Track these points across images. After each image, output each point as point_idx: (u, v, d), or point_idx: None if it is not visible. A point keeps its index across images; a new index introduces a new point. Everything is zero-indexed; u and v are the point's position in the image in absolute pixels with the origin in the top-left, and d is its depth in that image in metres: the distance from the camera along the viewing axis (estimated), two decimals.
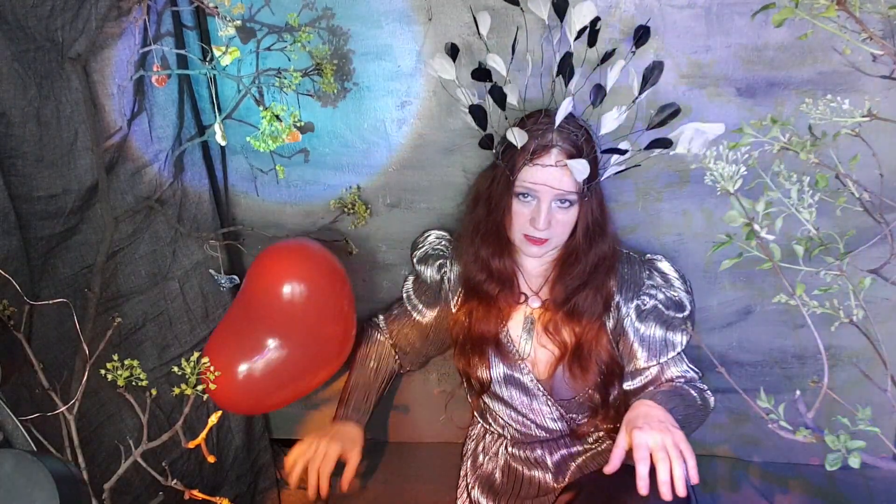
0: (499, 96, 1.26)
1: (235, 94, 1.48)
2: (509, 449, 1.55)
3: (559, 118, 1.23)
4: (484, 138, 1.32)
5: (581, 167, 1.22)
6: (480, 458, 1.59)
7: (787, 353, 1.63)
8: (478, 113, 1.29)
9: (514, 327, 1.45)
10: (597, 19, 1.22)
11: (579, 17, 1.22)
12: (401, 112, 1.49)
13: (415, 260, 1.56)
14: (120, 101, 1.30)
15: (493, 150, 1.34)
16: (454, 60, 1.31)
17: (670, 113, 1.25)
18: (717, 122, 1.40)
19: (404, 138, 1.52)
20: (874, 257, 1.02)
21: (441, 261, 1.52)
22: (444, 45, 1.34)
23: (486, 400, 1.53)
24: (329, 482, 1.39)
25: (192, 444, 1.12)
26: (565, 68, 1.24)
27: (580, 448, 1.51)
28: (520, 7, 1.26)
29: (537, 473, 1.51)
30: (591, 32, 1.23)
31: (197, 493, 1.13)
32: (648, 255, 1.44)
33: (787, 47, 1.33)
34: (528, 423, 1.50)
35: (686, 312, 1.40)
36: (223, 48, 1.32)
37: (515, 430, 1.52)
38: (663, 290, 1.40)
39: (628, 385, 1.43)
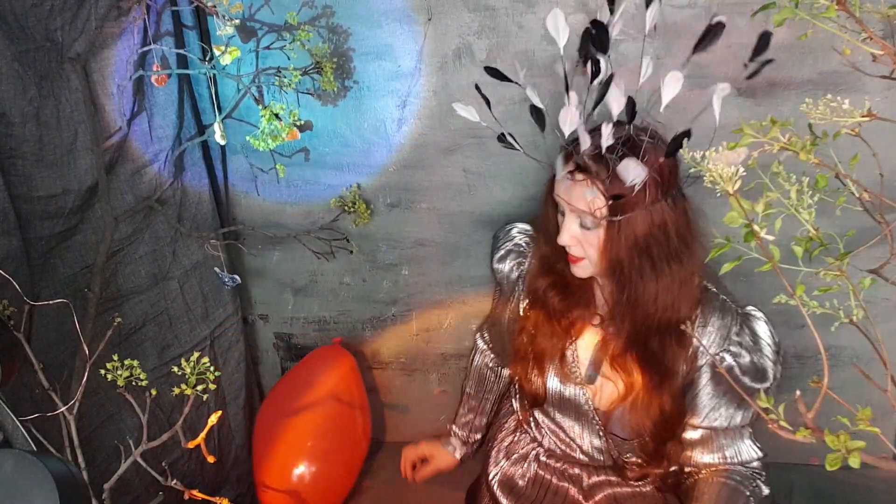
0: (538, 116, 1.07)
1: (235, 94, 1.48)
2: (542, 458, 1.46)
3: (566, 129, 1.05)
4: (500, 136, 1.14)
5: (590, 191, 1.05)
6: (508, 454, 1.51)
7: (788, 353, 1.63)
8: (536, 114, 1.08)
9: (584, 347, 1.29)
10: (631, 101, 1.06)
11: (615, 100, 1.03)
12: (401, 112, 1.49)
13: (494, 258, 1.41)
14: (120, 101, 1.30)
15: (526, 153, 1.14)
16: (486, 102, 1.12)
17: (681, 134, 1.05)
18: (717, 122, 1.41)
19: (404, 138, 1.52)
20: (874, 257, 1.02)
21: (520, 259, 1.37)
22: (447, 50, 1.31)
23: (536, 414, 1.44)
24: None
25: (192, 444, 1.12)
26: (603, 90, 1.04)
27: (620, 480, 1.40)
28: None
29: (568, 486, 1.42)
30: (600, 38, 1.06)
31: (197, 494, 1.13)
32: (749, 309, 1.24)
33: (787, 47, 1.33)
34: (574, 446, 1.40)
35: (766, 384, 1.20)
36: (223, 47, 1.32)
37: (557, 447, 1.43)
38: (749, 352, 1.20)
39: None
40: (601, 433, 1.35)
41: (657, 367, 1.19)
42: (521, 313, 1.36)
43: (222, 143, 1.43)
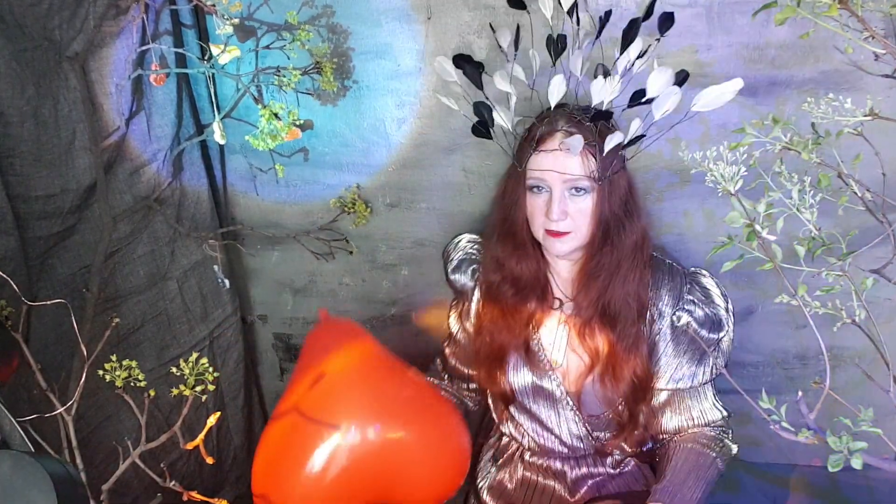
0: (473, 76, 1.24)
1: (234, 93, 1.48)
2: (526, 458, 1.48)
3: (553, 99, 1.17)
4: (475, 124, 1.25)
5: (575, 142, 1.15)
6: (494, 462, 1.53)
7: (789, 354, 1.63)
8: (481, 109, 1.24)
9: (547, 334, 1.35)
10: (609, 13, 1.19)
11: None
12: (401, 111, 1.48)
13: (449, 270, 1.45)
14: (118, 101, 1.30)
15: (495, 140, 1.27)
16: (467, 74, 1.25)
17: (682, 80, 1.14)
18: (718, 122, 1.40)
19: (404, 137, 1.51)
20: (876, 257, 1.01)
21: (474, 266, 1.42)
22: (447, 49, 1.32)
23: (511, 410, 1.45)
24: None
25: (190, 445, 1.11)
26: (550, 46, 1.20)
27: (601, 469, 1.43)
28: (526, 10, 1.23)
29: (553, 484, 1.44)
30: (603, 20, 1.20)
31: (196, 495, 1.12)
32: (693, 269, 1.34)
33: (788, 46, 1.33)
34: (552, 437, 1.42)
35: (722, 333, 1.29)
36: (222, 46, 1.32)
37: (536, 443, 1.45)
38: (703, 305, 1.29)
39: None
40: (577, 417, 1.37)
41: (624, 329, 1.26)
42: (476, 313, 1.41)
43: (221, 142, 1.43)
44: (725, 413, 1.36)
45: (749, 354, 1.64)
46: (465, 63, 1.25)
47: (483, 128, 1.25)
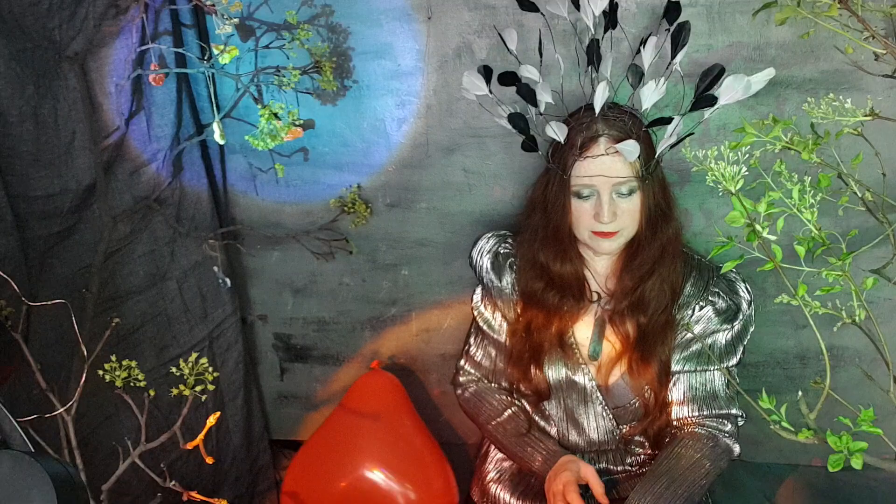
0: (527, 93, 1.22)
1: (234, 93, 1.48)
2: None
3: (598, 104, 1.20)
4: (525, 141, 1.27)
5: (631, 147, 1.18)
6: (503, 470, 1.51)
7: (789, 354, 1.63)
8: (518, 121, 1.25)
9: (583, 329, 1.38)
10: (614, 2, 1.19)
11: (596, 1, 1.18)
12: (401, 111, 1.48)
13: (483, 273, 1.44)
14: (118, 100, 1.30)
15: (542, 154, 1.30)
16: (487, 80, 1.25)
17: (716, 74, 1.17)
18: (718, 122, 1.40)
19: (404, 137, 1.51)
20: (877, 257, 1.01)
21: (511, 260, 1.42)
22: (447, 49, 1.31)
23: (545, 406, 1.45)
24: None
25: (190, 445, 1.11)
26: (592, 54, 1.21)
27: (619, 467, 1.44)
28: (541, 12, 1.23)
29: None
30: (611, 13, 1.20)
31: (195, 495, 1.12)
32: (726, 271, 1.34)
33: (788, 46, 1.33)
34: (577, 433, 1.43)
35: (736, 322, 1.35)
36: (221, 46, 1.32)
37: (562, 433, 1.45)
38: (726, 296, 1.35)
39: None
40: (605, 411, 1.39)
41: (655, 314, 1.32)
42: (515, 316, 1.41)
43: (221, 142, 1.43)
44: (741, 415, 1.39)
45: (749, 354, 1.64)
46: (514, 81, 1.24)
47: (532, 142, 1.27)
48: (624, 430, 1.42)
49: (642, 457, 1.45)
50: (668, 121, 1.21)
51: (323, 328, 1.80)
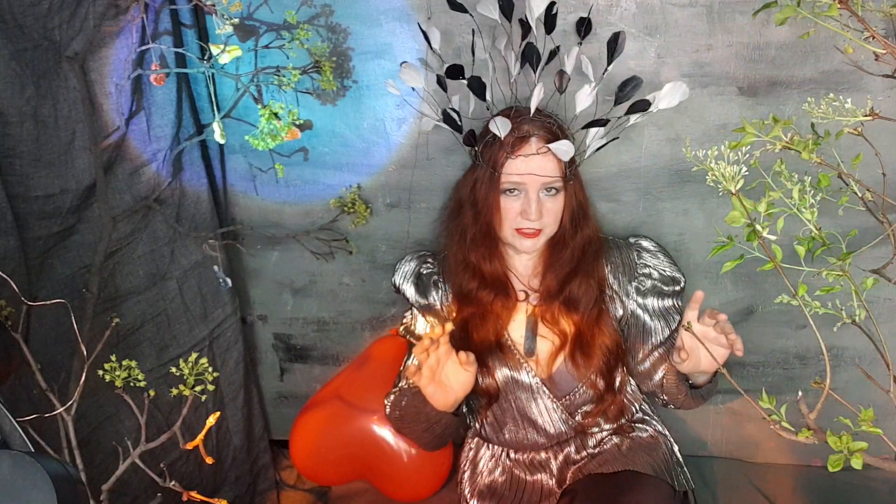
0: (478, 86, 1.27)
1: (234, 93, 1.48)
2: (512, 455, 1.49)
3: (533, 105, 1.25)
4: (467, 135, 1.32)
5: (566, 147, 1.24)
6: (479, 466, 1.51)
7: (789, 354, 1.63)
8: (450, 117, 1.31)
9: (516, 328, 1.42)
10: (552, 4, 1.24)
11: (537, 4, 1.23)
12: (400, 111, 1.48)
13: (408, 294, 1.48)
14: (118, 100, 1.30)
15: (471, 153, 1.35)
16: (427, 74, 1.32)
17: (633, 86, 1.28)
18: (718, 121, 1.40)
19: (404, 137, 1.51)
20: (877, 257, 1.01)
21: (435, 278, 1.47)
22: (447, 50, 1.32)
23: (492, 410, 1.45)
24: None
25: (190, 445, 1.11)
26: (532, 56, 1.25)
27: (583, 454, 1.44)
28: (469, 13, 1.28)
29: (541, 477, 1.45)
30: (548, 18, 1.25)
31: (195, 495, 1.12)
32: (632, 238, 1.45)
33: (788, 46, 1.33)
34: (533, 429, 1.44)
35: (681, 285, 1.42)
36: (221, 46, 1.32)
37: (517, 438, 1.46)
38: (657, 269, 1.42)
39: (651, 359, 1.41)
40: (553, 403, 1.41)
41: (587, 308, 1.37)
42: (449, 319, 1.43)
43: (221, 142, 1.43)
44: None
45: (749, 354, 1.64)
46: (460, 75, 1.28)
47: (472, 136, 1.33)
48: (579, 419, 1.43)
49: (603, 433, 1.45)
50: (604, 123, 1.27)
51: (323, 328, 1.80)
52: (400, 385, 1.47)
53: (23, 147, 1.16)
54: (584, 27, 1.27)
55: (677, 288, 1.42)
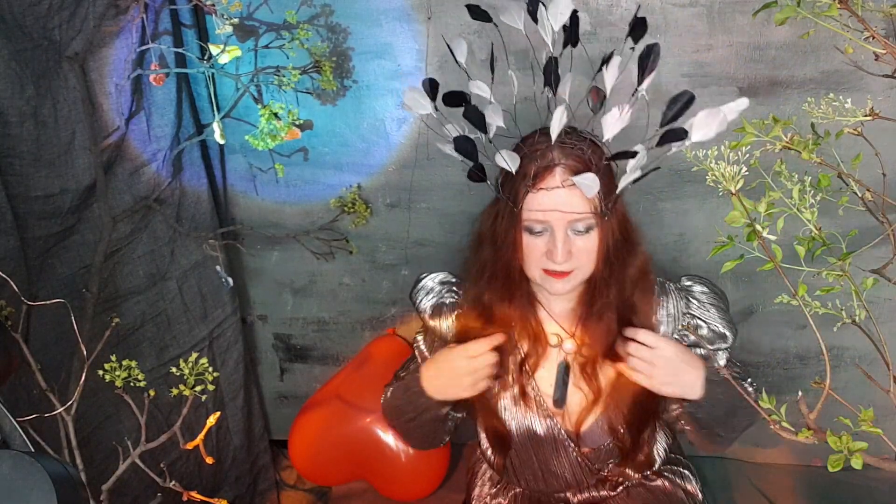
0: (475, 116, 1.04)
1: (234, 93, 1.48)
2: (526, 494, 1.38)
3: (554, 132, 1.05)
4: (471, 169, 1.09)
5: (589, 181, 1.03)
6: (492, 495, 1.42)
7: (790, 354, 1.63)
8: (464, 145, 1.06)
9: (545, 377, 1.24)
10: (575, 12, 1.03)
11: (555, 14, 1.02)
12: (400, 111, 1.48)
13: (426, 315, 1.31)
14: (118, 100, 1.30)
15: (490, 184, 1.14)
16: (433, 96, 1.08)
17: (684, 102, 1.03)
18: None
19: (404, 137, 1.51)
20: (877, 257, 1.01)
21: (458, 311, 1.28)
22: (447, 50, 1.21)
23: (510, 457, 1.33)
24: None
25: (190, 445, 1.11)
26: (550, 74, 1.04)
27: (603, 493, 1.35)
28: (493, 23, 1.09)
29: None
30: (572, 29, 1.05)
31: (195, 495, 1.12)
32: (684, 282, 1.26)
33: (789, 46, 1.33)
34: (550, 478, 1.32)
35: (728, 343, 1.22)
36: (221, 46, 1.32)
37: (535, 487, 1.34)
38: (704, 322, 1.23)
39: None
40: (578, 456, 1.28)
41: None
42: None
43: (221, 142, 1.43)
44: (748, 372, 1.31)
45: (749, 354, 1.64)
46: (462, 101, 1.07)
47: (480, 171, 1.09)
48: (603, 474, 1.31)
49: (629, 483, 1.35)
50: (633, 154, 1.03)
51: (323, 328, 1.80)
52: (402, 374, 1.35)
53: (23, 147, 1.16)
54: (634, 28, 1.04)
55: (723, 346, 1.22)
